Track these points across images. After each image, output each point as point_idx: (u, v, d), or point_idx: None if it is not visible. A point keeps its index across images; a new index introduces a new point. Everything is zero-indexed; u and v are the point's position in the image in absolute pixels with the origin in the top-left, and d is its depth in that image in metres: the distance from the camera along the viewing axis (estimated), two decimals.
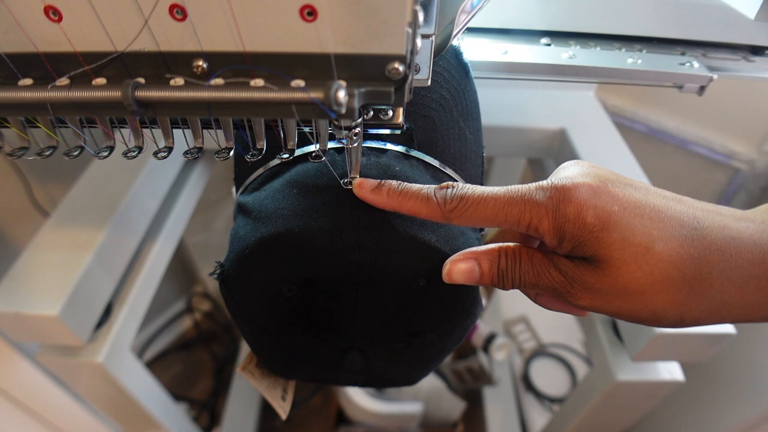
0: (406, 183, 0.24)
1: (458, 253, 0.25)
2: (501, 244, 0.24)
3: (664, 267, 0.20)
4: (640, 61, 0.38)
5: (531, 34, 0.42)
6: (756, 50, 0.41)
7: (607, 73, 0.38)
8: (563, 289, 0.22)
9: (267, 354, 0.33)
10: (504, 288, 0.24)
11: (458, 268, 0.24)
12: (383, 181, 0.24)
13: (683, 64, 0.38)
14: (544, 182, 0.22)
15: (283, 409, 0.36)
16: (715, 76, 0.37)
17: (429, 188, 0.23)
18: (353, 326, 0.29)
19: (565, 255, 0.22)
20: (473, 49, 0.40)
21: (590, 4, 0.40)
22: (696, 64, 0.38)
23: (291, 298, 0.27)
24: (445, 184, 0.24)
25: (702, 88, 0.38)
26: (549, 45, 0.41)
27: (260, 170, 0.29)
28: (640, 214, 0.21)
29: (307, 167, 0.27)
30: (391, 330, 0.29)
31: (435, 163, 0.29)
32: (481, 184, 0.33)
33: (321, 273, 0.26)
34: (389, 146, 0.28)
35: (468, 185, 0.23)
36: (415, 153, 0.28)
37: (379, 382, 0.35)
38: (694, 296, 0.20)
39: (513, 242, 0.25)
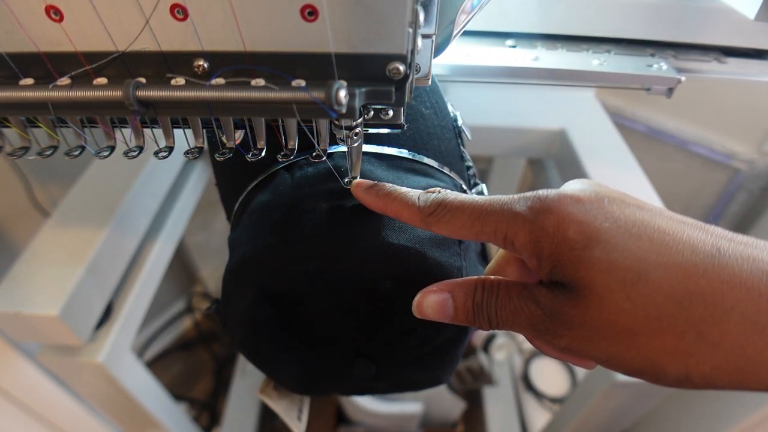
0: (397, 186, 0.24)
1: (433, 284, 0.22)
2: (482, 276, 0.22)
3: (661, 301, 0.16)
4: (606, 63, 0.37)
5: (496, 36, 0.40)
6: (728, 51, 0.40)
7: (571, 75, 0.36)
8: (542, 326, 0.19)
9: (279, 376, 0.33)
10: (481, 328, 0.21)
11: (429, 300, 0.21)
12: (378, 182, 0.24)
13: (651, 65, 0.37)
14: (529, 192, 0.20)
15: (299, 428, 0.36)
16: (682, 78, 0.36)
17: (415, 193, 0.23)
18: (343, 334, 0.28)
19: (546, 282, 0.19)
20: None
21: (557, 5, 0.39)
22: (664, 66, 0.37)
23: (269, 319, 0.27)
24: (431, 189, 0.23)
25: (670, 90, 0.36)
26: (514, 47, 0.39)
27: (235, 206, 0.30)
28: (638, 234, 0.17)
29: (264, 194, 0.27)
30: (383, 331, 0.28)
31: (387, 150, 0.28)
32: (461, 158, 0.33)
33: (280, 289, 0.26)
34: (335, 148, 0.27)
35: (453, 193, 0.22)
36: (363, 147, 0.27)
37: (403, 386, 0.34)
38: (703, 345, 0.16)
39: (509, 276, 0.22)
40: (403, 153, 0.28)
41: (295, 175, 0.27)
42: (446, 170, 0.30)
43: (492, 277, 0.21)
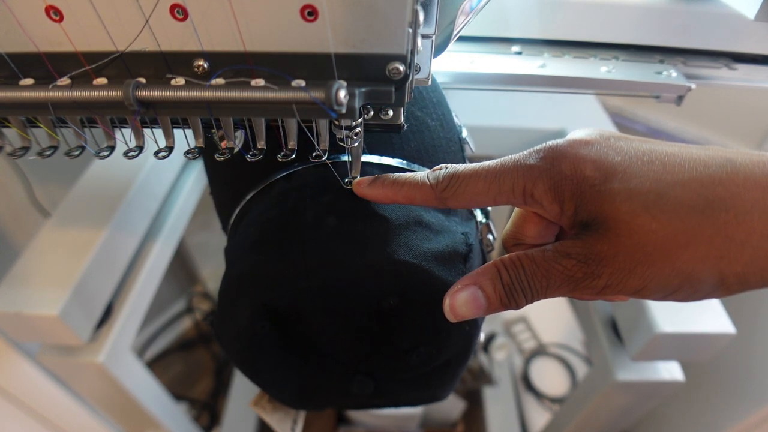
0: (400, 174, 0.23)
1: (455, 283, 0.21)
2: (499, 258, 0.21)
3: (684, 213, 0.17)
4: (614, 71, 0.35)
5: (501, 42, 0.39)
6: (738, 57, 0.39)
7: (578, 83, 0.35)
8: (580, 274, 0.19)
9: (275, 391, 0.32)
10: (517, 306, 0.21)
11: (461, 299, 0.21)
12: (380, 175, 0.24)
13: (660, 73, 0.36)
14: (537, 146, 0.20)
15: None
16: (693, 86, 0.34)
17: (422, 174, 0.23)
18: (343, 350, 0.27)
19: (570, 228, 0.20)
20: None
21: (562, 10, 0.38)
22: (674, 73, 0.36)
23: (268, 334, 0.26)
24: (437, 167, 0.23)
25: (680, 98, 0.35)
26: (520, 54, 0.38)
27: (232, 216, 0.29)
28: (650, 160, 0.18)
29: (263, 205, 0.27)
30: (385, 348, 0.27)
31: (391, 162, 0.27)
32: None
33: (281, 305, 0.25)
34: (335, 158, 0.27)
35: (461, 164, 0.22)
36: (366, 158, 0.27)
37: (401, 402, 0.33)
38: (732, 245, 0.17)
39: (528, 234, 0.23)
40: (398, 163, 0.28)
41: (295, 185, 0.26)
42: None
43: (507, 255, 0.21)
